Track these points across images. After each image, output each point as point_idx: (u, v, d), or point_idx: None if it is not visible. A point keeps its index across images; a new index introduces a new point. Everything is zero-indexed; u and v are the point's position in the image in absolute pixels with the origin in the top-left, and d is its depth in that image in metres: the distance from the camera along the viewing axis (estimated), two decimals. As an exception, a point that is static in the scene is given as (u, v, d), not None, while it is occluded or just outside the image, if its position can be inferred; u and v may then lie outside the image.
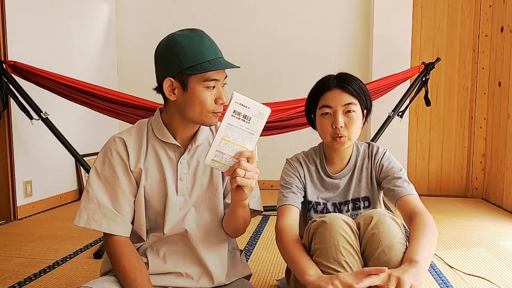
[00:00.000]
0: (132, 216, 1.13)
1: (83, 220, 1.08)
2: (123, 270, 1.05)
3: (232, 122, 0.93)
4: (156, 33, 4.03)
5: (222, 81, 1.08)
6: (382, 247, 1.03)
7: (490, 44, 3.37)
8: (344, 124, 1.20)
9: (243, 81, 3.78)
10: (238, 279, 1.22)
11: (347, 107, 1.20)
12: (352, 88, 1.21)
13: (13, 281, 1.76)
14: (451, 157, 3.58)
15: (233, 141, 0.94)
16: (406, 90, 2.79)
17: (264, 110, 0.94)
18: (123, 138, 1.12)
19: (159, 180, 1.12)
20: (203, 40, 1.06)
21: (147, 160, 1.12)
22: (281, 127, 2.64)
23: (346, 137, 1.22)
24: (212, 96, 1.06)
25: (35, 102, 2.49)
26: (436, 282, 1.71)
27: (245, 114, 0.93)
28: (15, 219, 2.84)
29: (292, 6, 3.80)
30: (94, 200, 1.08)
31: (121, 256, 1.06)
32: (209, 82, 1.04)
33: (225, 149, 0.94)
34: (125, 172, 1.10)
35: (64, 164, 3.34)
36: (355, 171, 1.31)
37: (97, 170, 1.11)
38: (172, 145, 1.13)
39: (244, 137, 0.94)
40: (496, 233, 2.44)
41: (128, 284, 1.04)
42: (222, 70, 1.07)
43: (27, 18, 2.94)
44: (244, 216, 1.10)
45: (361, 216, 1.11)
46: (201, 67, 1.02)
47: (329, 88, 1.23)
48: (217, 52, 1.07)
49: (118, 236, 1.08)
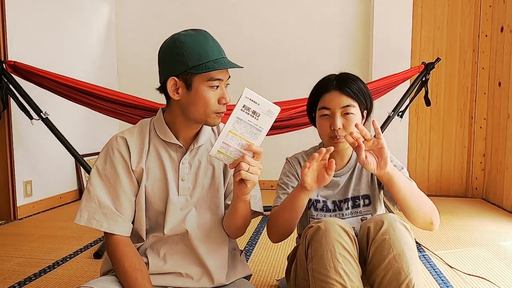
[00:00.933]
0: (133, 216, 1.12)
1: (84, 219, 1.08)
2: (123, 270, 1.05)
3: (241, 117, 0.94)
4: (156, 33, 4.04)
5: (226, 81, 1.09)
6: (393, 254, 1.01)
7: (490, 44, 3.37)
8: (343, 126, 1.21)
9: (243, 81, 3.76)
10: (238, 279, 1.22)
11: (345, 109, 1.21)
12: (350, 90, 1.21)
13: (13, 281, 1.75)
14: (451, 157, 3.58)
15: (240, 135, 0.95)
16: (406, 90, 2.79)
17: (274, 108, 0.96)
18: (125, 137, 1.12)
19: (161, 180, 1.12)
20: (207, 40, 1.06)
21: (148, 159, 1.12)
22: (281, 127, 2.63)
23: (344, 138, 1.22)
24: (215, 96, 1.06)
25: (35, 102, 2.49)
26: (436, 282, 1.71)
27: (254, 110, 0.95)
28: (15, 219, 2.84)
29: (293, 6, 3.80)
30: (95, 199, 1.08)
31: (121, 256, 1.06)
32: (213, 81, 1.05)
33: (232, 142, 0.95)
34: (126, 172, 1.10)
35: (64, 164, 3.34)
36: (355, 169, 1.31)
37: (98, 169, 1.11)
38: (174, 145, 1.13)
39: (251, 133, 0.96)
40: (496, 233, 2.44)
41: (129, 284, 1.04)
42: (226, 70, 1.08)
43: (27, 18, 2.94)
44: (244, 213, 1.10)
45: (371, 220, 1.10)
46: (205, 66, 1.03)
47: (328, 89, 1.24)
48: (221, 52, 1.08)
49: (119, 236, 1.08)
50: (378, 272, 1.03)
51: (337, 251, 1.01)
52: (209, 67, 1.03)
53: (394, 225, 1.05)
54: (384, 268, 1.02)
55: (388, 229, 1.04)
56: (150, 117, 1.20)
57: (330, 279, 0.99)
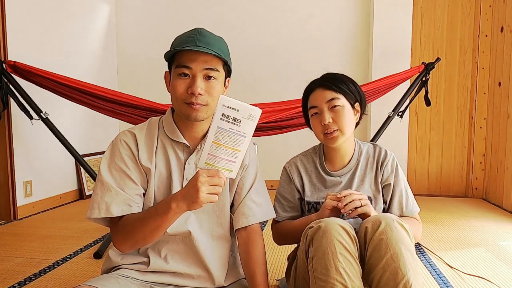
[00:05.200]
0: (143, 203, 1.11)
1: (103, 211, 1.04)
2: (133, 225, 1.03)
3: (222, 126, 0.92)
4: (156, 33, 4.04)
5: (201, 72, 1.04)
6: (390, 253, 1.01)
7: (490, 44, 3.37)
8: (332, 119, 1.23)
9: (243, 81, 3.79)
10: (239, 280, 1.22)
11: (331, 102, 1.24)
12: (333, 84, 1.25)
13: (13, 281, 1.75)
14: (451, 157, 3.58)
15: (224, 144, 0.93)
16: (406, 90, 2.79)
17: (254, 111, 0.92)
18: (134, 132, 1.12)
19: (166, 178, 1.12)
20: (190, 32, 1.08)
21: (156, 157, 1.12)
22: (281, 127, 2.63)
23: (338, 131, 1.23)
24: (183, 85, 1.05)
25: (35, 102, 2.49)
26: (436, 282, 1.71)
27: (234, 117, 0.91)
28: (15, 219, 2.84)
29: (292, 6, 3.80)
30: (110, 188, 1.06)
31: (127, 219, 1.06)
32: (180, 68, 1.04)
33: (217, 153, 0.93)
34: (134, 163, 1.09)
35: (64, 164, 3.34)
36: (357, 170, 1.31)
37: (108, 161, 1.10)
38: (182, 144, 1.13)
39: (235, 140, 0.93)
40: (496, 233, 2.44)
41: (141, 223, 1.02)
42: (199, 60, 1.03)
43: (27, 18, 2.94)
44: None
45: (369, 220, 1.10)
46: (170, 52, 1.05)
47: (313, 89, 1.28)
48: (196, 42, 1.03)
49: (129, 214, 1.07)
50: (375, 272, 1.03)
51: (338, 250, 1.01)
52: (171, 52, 1.05)
53: (392, 225, 1.05)
54: (381, 268, 1.02)
55: (386, 229, 1.04)
56: (149, 118, 1.20)
57: (331, 279, 0.99)
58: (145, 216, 1.03)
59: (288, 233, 1.32)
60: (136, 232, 1.03)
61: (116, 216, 1.05)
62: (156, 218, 0.99)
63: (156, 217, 0.99)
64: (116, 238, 1.08)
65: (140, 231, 1.02)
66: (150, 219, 1.01)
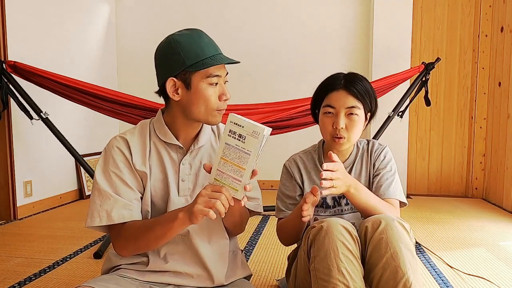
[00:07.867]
0: (141, 207, 1.12)
1: (104, 219, 1.05)
2: (138, 231, 1.05)
3: (229, 142, 0.94)
4: (156, 33, 4.02)
5: (224, 78, 1.10)
6: (390, 252, 1.01)
7: (490, 44, 3.37)
8: (345, 126, 1.21)
9: (244, 81, 3.78)
10: (239, 279, 1.22)
11: (350, 110, 1.21)
12: (357, 91, 1.21)
13: (13, 281, 1.75)
14: (451, 157, 3.58)
15: (231, 160, 0.94)
16: (406, 90, 2.79)
17: (258, 128, 0.91)
18: (125, 137, 1.12)
19: (162, 180, 1.12)
20: (202, 37, 1.07)
21: (151, 160, 1.12)
22: (281, 127, 2.64)
23: (346, 139, 1.23)
24: (215, 93, 1.07)
25: (35, 102, 2.49)
26: (436, 282, 1.71)
27: (240, 133, 0.93)
28: (15, 219, 2.84)
29: (292, 6, 3.80)
30: (108, 196, 1.06)
31: (131, 226, 1.07)
32: (212, 78, 1.05)
33: (225, 169, 0.95)
34: (128, 167, 1.10)
35: (64, 164, 3.34)
36: (353, 166, 1.32)
37: (102, 168, 1.10)
38: (175, 145, 1.13)
39: (240, 157, 0.93)
40: (496, 233, 2.44)
41: (146, 230, 1.04)
42: (223, 67, 1.09)
43: (27, 18, 2.94)
44: (240, 210, 1.13)
45: (369, 220, 1.10)
46: (203, 63, 1.03)
47: (335, 88, 1.24)
48: (217, 49, 1.08)
49: (131, 221, 1.07)
50: (375, 272, 1.03)
51: (340, 251, 1.02)
52: (207, 63, 1.03)
53: (392, 225, 1.05)
54: (381, 267, 1.02)
55: (386, 228, 1.05)
56: (149, 118, 1.20)
57: (333, 279, 1.00)
58: (151, 223, 1.04)
59: (287, 228, 1.31)
60: (139, 238, 1.04)
61: (117, 222, 1.05)
62: (163, 225, 1.01)
63: (162, 225, 1.01)
64: (117, 244, 1.09)
65: (144, 237, 1.04)
66: (156, 226, 1.02)
